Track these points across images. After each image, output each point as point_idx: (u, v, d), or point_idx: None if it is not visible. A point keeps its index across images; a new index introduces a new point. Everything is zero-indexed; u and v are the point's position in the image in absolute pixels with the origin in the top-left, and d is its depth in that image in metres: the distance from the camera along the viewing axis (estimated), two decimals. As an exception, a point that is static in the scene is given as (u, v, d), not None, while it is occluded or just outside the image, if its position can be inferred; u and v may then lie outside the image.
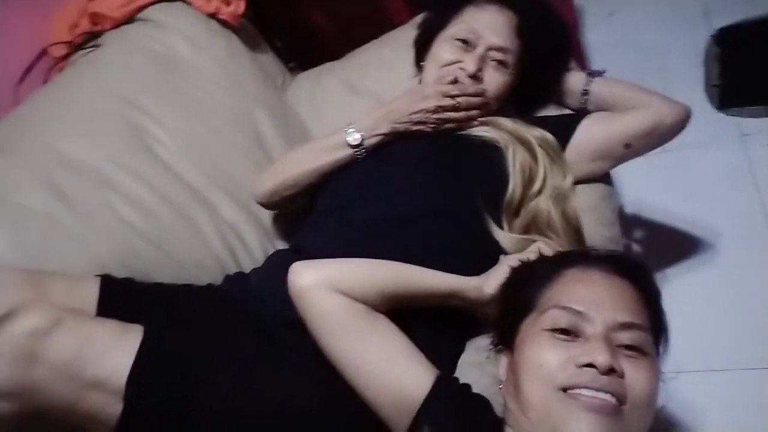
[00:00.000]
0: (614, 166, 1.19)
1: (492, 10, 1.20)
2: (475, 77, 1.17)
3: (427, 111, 1.14)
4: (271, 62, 1.59)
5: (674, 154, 1.72)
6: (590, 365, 0.74)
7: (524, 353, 0.79)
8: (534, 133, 1.13)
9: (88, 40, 1.36)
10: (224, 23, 1.48)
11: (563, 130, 1.15)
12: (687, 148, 1.73)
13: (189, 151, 1.24)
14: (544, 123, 1.20)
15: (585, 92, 1.22)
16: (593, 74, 1.24)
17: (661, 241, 1.57)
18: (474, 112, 1.16)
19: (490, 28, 1.19)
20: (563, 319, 0.77)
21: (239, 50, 1.46)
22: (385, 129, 1.14)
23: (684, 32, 2.04)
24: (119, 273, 1.03)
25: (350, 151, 1.14)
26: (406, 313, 0.90)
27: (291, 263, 1.05)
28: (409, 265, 0.93)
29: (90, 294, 0.93)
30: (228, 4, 1.49)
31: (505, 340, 0.85)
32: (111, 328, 0.85)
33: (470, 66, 1.17)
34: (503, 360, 0.86)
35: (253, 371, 0.87)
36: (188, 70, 1.36)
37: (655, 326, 0.82)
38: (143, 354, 0.82)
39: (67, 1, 1.44)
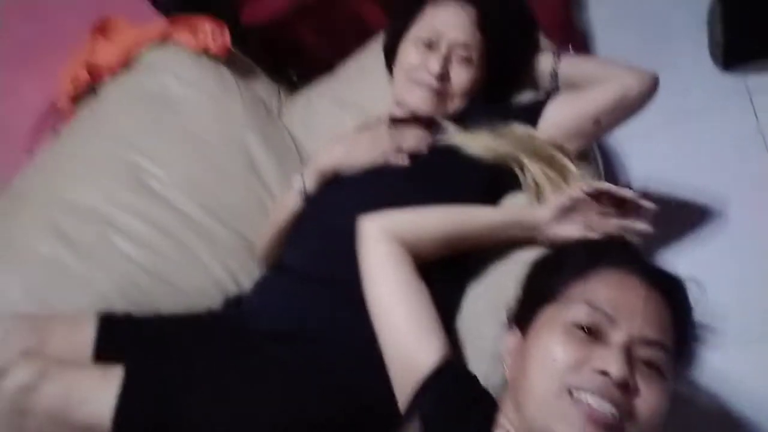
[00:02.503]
0: (588, 144, 1.19)
1: (451, 7, 1.22)
2: (441, 77, 1.20)
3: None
4: (264, 87, 1.64)
5: (680, 125, 1.70)
6: (605, 373, 0.72)
7: (540, 342, 0.78)
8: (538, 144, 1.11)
9: (88, 91, 1.46)
10: (214, 57, 1.56)
11: (530, 116, 1.16)
12: (693, 116, 1.70)
13: (184, 183, 1.31)
14: (514, 112, 1.21)
15: (554, 73, 1.23)
16: (561, 54, 1.24)
17: (670, 214, 1.53)
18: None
19: (450, 25, 1.20)
20: (589, 317, 0.76)
21: (229, 81, 1.52)
22: (325, 172, 1.17)
23: (690, -1, 1.99)
24: (123, 306, 1.12)
25: (296, 198, 1.19)
26: None
27: (275, 281, 1.12)
28: (464, 207, 1.01)
29: (88, 334, 1.00)
30: (215, 39, 1.57)
31: (520, 322, 0.84)
32: (93, 373, 0.92)
33: (435, 67, 1.19)
34: (511, 339, 0.85)
35: (230, 392, 0.92)
36: (180, 106, 1.43)
37: (680, 350, 0.80)
38: (124, 394, 0.87)
39: (70, 59, 1.55)
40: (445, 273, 1.00)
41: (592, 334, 0.75)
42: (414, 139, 1.14)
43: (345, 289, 1.02)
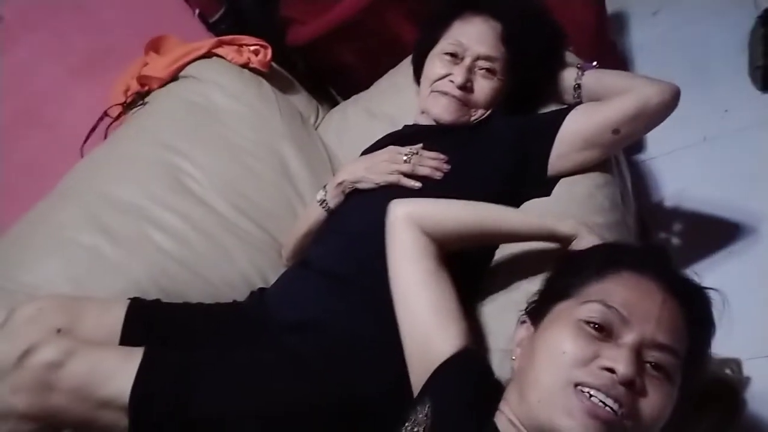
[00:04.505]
0: (607, 153, 1.19)
1: (477, 22, 1.26)
2: (464, 88, 1.23)
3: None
4: (302, 101, 1.73)
5: (715, 142, 1.69)
6: (612, 371, 0.73)
7: (551, 335, 0.79)
8: None
9: (138, 99, 1.57)
10: (256, 71, 1.65)
11: (551, 124, 1.17)
12: (729, 135, 1.69)
13: (220, 184, 1.38)
14: (534, 121, 1.23)
15: (577, 86, 1.24)
16: (584, 68, 1.26)
17: (703, 231, 1.52)
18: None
19: (475, 38, 1.25)
20: (603, 315, 0.76)
21: (269, 93, 1.61)
22: (345, 187, 1.22)
23: (731, 21, 1.98)
24: (154, 293, 1.17)
25: (320, 208, 1.25)
26: None
27: (298, 276, 1.17)
28: (499, 207, 1.01)
29: (117, 317, 1.05)
30: (257, 53, 1.66)
31: (533, 316, 0.86)
32: (116, 353, 0.96)
33: (458, 78, 1.23)
34: (522, 331, 0.86)
35: (242, 378, 0.95)
36: (222, 115, 1.51)
37: (692, 358, 0.80)
38: (141, 374, 0.90)
39: (124, 71, 1.67)
40: (464, 265, 1.01)
41: (604, 332, 0.76)
42: (431, 163, 1.17)
43: (358, 288, 1.06)
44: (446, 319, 0.89)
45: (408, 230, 0.95)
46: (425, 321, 0.89)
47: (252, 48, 1.67)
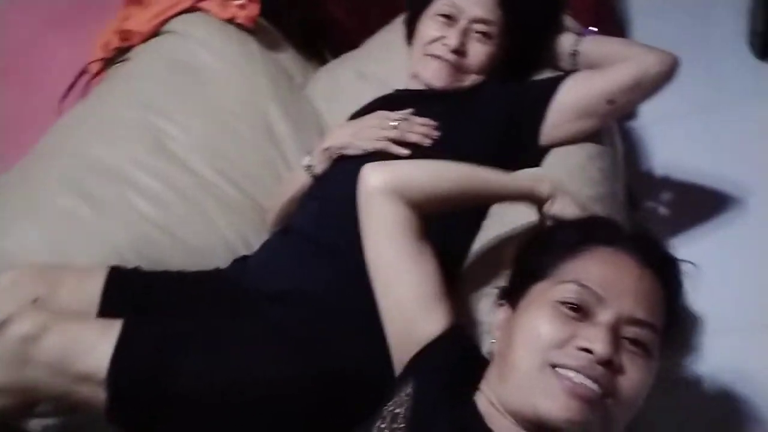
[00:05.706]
0: (601, 124, 1.17)
1: None
2: (458, 51, 1.19)
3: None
4: (289, 59, 1.66)
5: (709, 111, 1.66)
6: (589, 351, 0.72)
7: (527, 318, 0.78)
8: None
9: (119, 55, 1.51)
10: (241, 27, 1.59)
11: (545, 92, 1.15)
12: (726, 105, 1.67)
13: (202, 147, 1.34)
14: (528, 88, 1.20)
15: (574, 53, 1.21)
16: (583, 34, 1.22)
17: (690, 201, 1.51)
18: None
19: (471, 1, 1.20)
20: (578, 295, 0.75)
21: (254, 51, 1.55)
22: (331, 152, 1.19)
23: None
24: (135, 261, 1.14)
25: (306, 174, 1.21)
26: None
27: (281, 244, 1.14)
28: (478, 168, 0.95)
29: (96, 286, 1.03)
30: (243, 8, 1.59)
31: (511, 298, 0.84)
32: (94, 327, 0.93)
33: (452, 41, 1.19)
34: (501, 315, 0.85)
35: (223, 350, 0.93)
36: (205, 73, 1.46)
37: (668, 330, 0.79)
38: (119, 348, 0.88)
39: (104, 23, 1.61)
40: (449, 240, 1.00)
41: (581, 312, 0.75)
42: (421, 129, 1.14)
43: (342, 256, 1.03)
44: (431, 301, 0.86)
45: (386, 203, 0.88)
46: (409, 307, 0.86)
47: (238, 2, 1.60)
